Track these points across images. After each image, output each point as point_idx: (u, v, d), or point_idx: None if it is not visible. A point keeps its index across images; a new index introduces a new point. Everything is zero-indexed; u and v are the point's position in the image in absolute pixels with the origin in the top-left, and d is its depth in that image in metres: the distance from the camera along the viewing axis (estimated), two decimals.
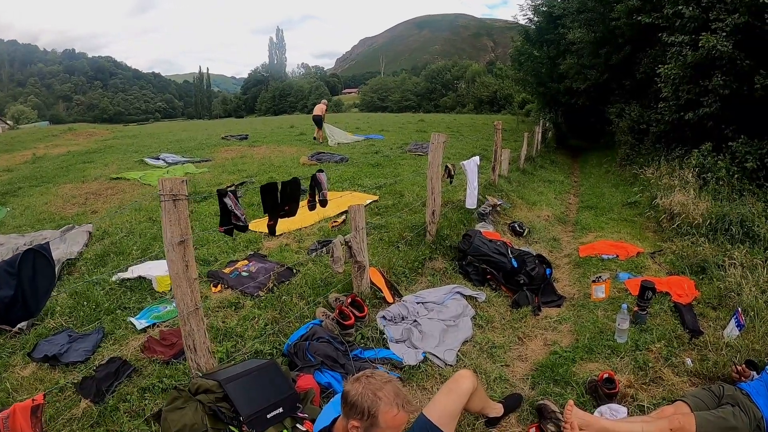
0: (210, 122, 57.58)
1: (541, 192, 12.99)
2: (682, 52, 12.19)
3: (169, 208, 3.10)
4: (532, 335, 5.32)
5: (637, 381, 4.19)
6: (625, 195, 12.35)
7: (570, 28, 22.56)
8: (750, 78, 10.62)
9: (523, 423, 3.79)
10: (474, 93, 73.17)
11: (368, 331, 4.74)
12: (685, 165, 11.43)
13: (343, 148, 16.93)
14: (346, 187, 10.19)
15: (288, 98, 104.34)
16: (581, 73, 23.34)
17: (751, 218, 7.99)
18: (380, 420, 2.28)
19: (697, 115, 12.18)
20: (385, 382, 2.37)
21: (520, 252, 6.80)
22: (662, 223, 9.22)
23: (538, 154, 18.71)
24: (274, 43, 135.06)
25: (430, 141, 6.77)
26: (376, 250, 6.46)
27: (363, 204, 5.30)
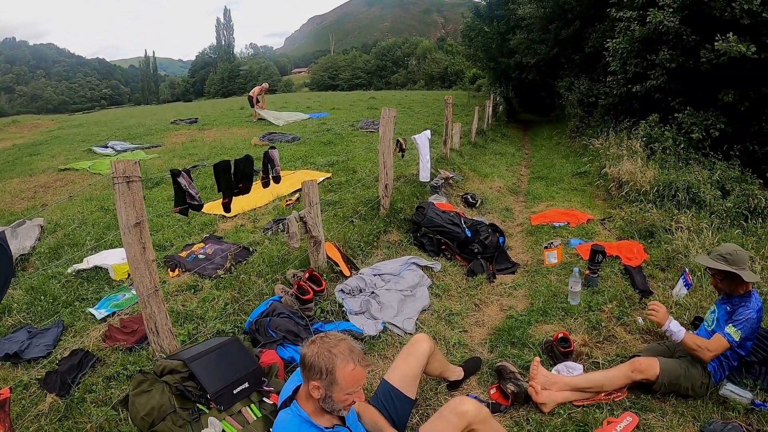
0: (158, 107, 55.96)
1: (493, 164, 13.09)
2: (630, 27, 12.51)
3: (123, 191, 3.05)
4: (488, 301, 5.44)
5: (591, 340, 4.35)
6: (575, 165, 12.64)
7: (520, 4, 22.95)
8: (696, 52, 10.94)
9: (483, 385, 3.91)
10: (425, 69, 73.20)
11: (327, 304, 4.75)
12: (633, 136, 11.77)
13: (295, 128, 16.70)
14: (298, 166, 10.07)
15: (237, 80, 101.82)
16: (531, 48, 23.63)
17: (697, 185, 8.36)
18: (338, 376, 2.28)
19: (645, 87, 12.51)
20: (339, 340, 2.37)
21: (474, 222, 6.87)
22: (611, 191, 9.53)
23: (489, 128, 18.83)
24: (221, 23, 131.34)
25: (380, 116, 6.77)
26: (331, 225, 6.42)
27: (316, 180, 5.26)
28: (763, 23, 9.72)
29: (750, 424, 3.29)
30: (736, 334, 3.39)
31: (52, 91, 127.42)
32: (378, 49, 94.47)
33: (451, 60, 66.31)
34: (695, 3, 10.84)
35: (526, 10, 22.00)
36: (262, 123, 18.05)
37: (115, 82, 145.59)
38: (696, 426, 3.35)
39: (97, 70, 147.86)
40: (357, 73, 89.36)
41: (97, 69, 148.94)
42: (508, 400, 3.61)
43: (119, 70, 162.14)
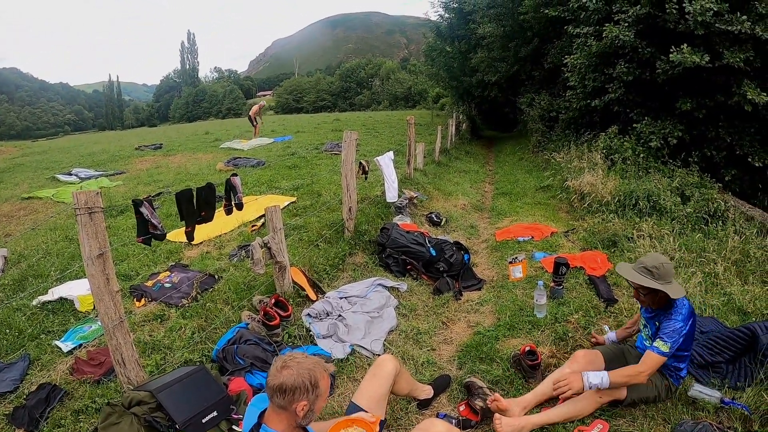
0: (122, 133, 55.57)
1: (457, 182, 13.15)
2: (587, 42, 12.73)
3: (85, 222, 3.03)
4: (455, 319, 5.46)
5: (559, 351, 4.41)
6: (538, 180, 12.78)
7: (480, 23, 23.15)
8: (652, 64, 11.17)
9: (453, 402, 3.91)
10: (389, 90, 73.66)
11: (295, 329, 4.73)
12: (593, 148, 11.95)
13: (259, 152, 16.66)
14: (263, 191, 10.05)
15: (202, 104, 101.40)
16: (492, 66, 23.90)
17: (657, 193, 8.53)
18: (321, 388, 2.41)
19: (603, 101, 12.74)
20: (306, 357, 2.45)
21: (438, 240, 6.89)
22: (574, 203, 9.66)
23: (452, 147, 18.95)
24: (186, 47, 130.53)
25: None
26: (296, 250, 6.39)
27: (280, 206, 5.26)
28: (716, 33, 9.98)
29: (720, 422, 3.35)
30: (665, 346, 3.39)
31: (15, 117, 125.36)
32: (342, 70, 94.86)
33: (415, 80, 67.10)
34: (650, 17, 11.08)
35: (486, 29, 22.25)
36: (226, 148, 18.02)
37: (79, 107, 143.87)
38: (667, 428, 3.40)
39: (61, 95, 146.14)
40: (321, 95, 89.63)
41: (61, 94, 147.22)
42: (477, 415, 3.62)
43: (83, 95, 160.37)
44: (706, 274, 5.83)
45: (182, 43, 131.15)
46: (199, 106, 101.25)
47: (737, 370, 3.87)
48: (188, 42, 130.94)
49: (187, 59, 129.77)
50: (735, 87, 10.03)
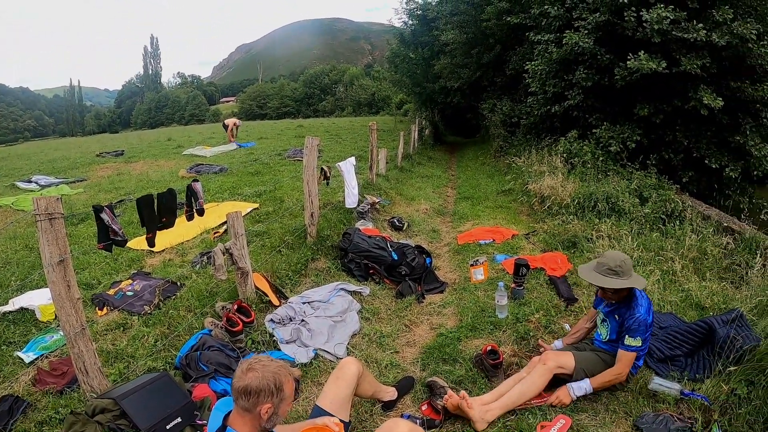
0: (84, 139, 54.21)
1: (420, 187, 13.22)
2: (548, 49, 12.99)
3: (45, 228, 3.00)
4: (418, 321, 5.47)
5: (520, 350, 4.48)
6: (500, 184, 12.86)
7: (443, 30, 23.48)
8: (611, 70, 11.37)
9: (417, 403, 3.92)
10: (352, 96, 73.84)
11: (258, 335, 4.70)
12: (553, 152, 12.12)
13: (222, 158, 16.53)
14: (226, 197, 9.96)
15: (165, 110, 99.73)
16: (455, 72, 24.10)
17: (616, 195, 8.71)
18: (285, 391, 2.41)
19: (563, 107, 12.96)
20: (271, 360, 2.46)
21: (400, 245, 6.88)
22: (534, 206, 9.76)
23: (415, 152, 19.08)
24: (148, 51, 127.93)
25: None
26: (259, 256, 6.35)
27: (242, 212, 5.22)
28: (673, 41, 10.23)
29: (681, 413, 3.44)
30: (636, 341, 3.52)
31: None
32: (306, 76, 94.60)
33: (378, 86, 67.22)
34: (608, 24, 11.32)
35: (449, 36, 22.52)
36: (189, 155, 17.86)
37: (39, 112, 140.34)
38: (629, 421, 3.47)
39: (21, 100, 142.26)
40: (285, 102, 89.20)
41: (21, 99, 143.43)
42: (440, 414, 3.64)
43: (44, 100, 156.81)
44: (665, 271, 5.99)
45: (145, 47, 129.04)
46: (161, 112, 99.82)
47: (696, 363, 3.99)
48: (151, 46, 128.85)
49: (149, 64, 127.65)
50: (692, 92, 10.30)
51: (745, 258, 6.36)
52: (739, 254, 6.61)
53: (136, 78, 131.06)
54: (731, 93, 10.71)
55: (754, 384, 3.40)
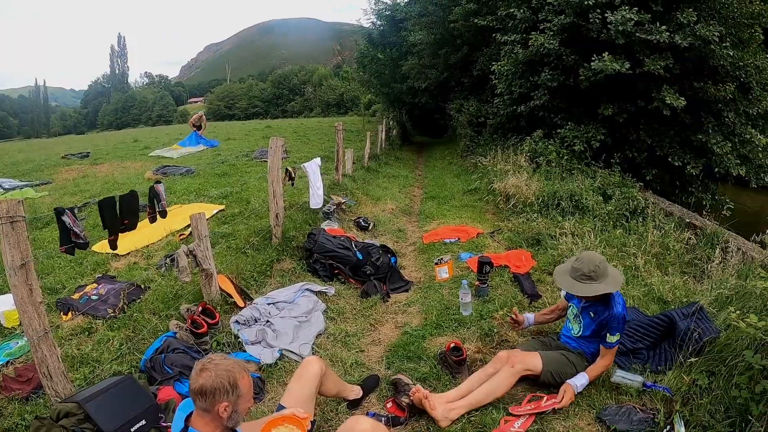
0: (49, 141, 52.95)
1: (386, 187, 13.22)
2: (514, 50, 13.14)
3: (7, 231, 2.97)
4: (383, 320, 5.47)
5: (485, 347, 4.52)
6: (466, 183, 12.93)
7: (411, 31, 23.60)
8: (575, 71, 11.58)
9: (382, 400, 3.93)
10: (321, 97, 73.64)
11: (223, 336, 4.66)
12: (519, 151, 12.29)
13: (189, 160, 16.32)
14: (192, 199, 9.81)
15: (131, 110, 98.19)
16: (422, 73, 24.25)
17: (579, 193, 8.87)
18: (241, 388, 2.39)
19: (529, 107, 13.15)
20: (224, 358, 2.44)
21: (365, 244, 6.87)
22: (499, 205, 9.83)
23: (382, 152, 19.02)
24: (115, 51, 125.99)
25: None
26: (224, 258, 6.27)
27: (205, 213, 5.15)
28: (637, 42, 10.42)
29: (644, 405, 3.52)
30: (616, 336, 3.58)
31: None
32: (275, 77, 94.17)
33: (347, 86, 67.19)
34: (574, 26, 11.50)
35: (417, 37, 22.66)
36: (156, 156, 17.62)
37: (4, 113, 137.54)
38: (592, 414, 3.52)
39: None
40: (254, 102, 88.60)
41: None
42: (404, 412, 3.65)
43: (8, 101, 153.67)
44: (627, 267, 6.10)
45: (112, 46, 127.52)
46: (128, 113, 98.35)
47: (658, 355, 4.07)
48: (118, 46, 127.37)
49: (116, 64, 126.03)
50: (655, 92, 10.52)
51: (706, 253, 6.52)
52: (700, 249, 6.80)
53: (103, 78, 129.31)
54: (694, 93, 10.99)
55: (715, 374, 3.45)
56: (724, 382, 3.33)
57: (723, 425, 3.13)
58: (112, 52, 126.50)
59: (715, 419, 3.20)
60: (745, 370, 3.24)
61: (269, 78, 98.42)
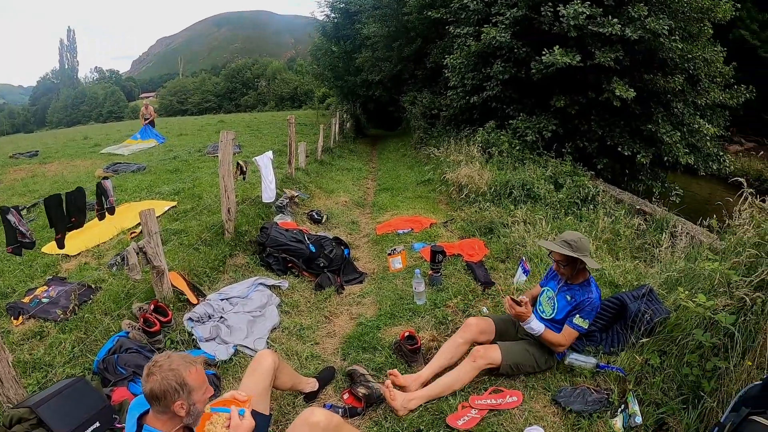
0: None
1: (339, 180, 13.20)
2: (467, 42, 13.32)
3: None
4: (338, 312, 5.48)
5: (439, 335, 4.57)
6: (419, 174, 12.98)
7: (365, 24, 23.65)
8: (527, 64, 11.73)
9: (339, 392, 3.96)
10: (275, 90, 72.95)
11: (176, 334, 4.59)
12: (471, 142, 12.36)
13: (141, 157, 15.99)
14: (144, 197, 9.61)
15: (82, 107, 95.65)
16: (376, 65, 24.37)
17: (531, 182, 8.98)
18: (191, 383, 2.35)
19: (481, 98, 13.27)
20: (168, 357, 2.40)
21: (317, 237, 6.85)
22: (452, 195, 9.94)
23: (336, 145, 19.08)
24: (65, 45, 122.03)
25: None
26: (176, 254, 6.15)
27: (155, 209, 5.02)
28: (589, 35, 10.62)
29: (598, 385, 3.64)
30: (584, 323, 3.62)
31: None
32: (228, 70, 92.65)
33: (301, 80, 66.89)
34: (526, 18, 11.69)
35: (370, 29, 22.73)
36: (106, 153, 17.22)
37: None
38: (548, 396, 3.63)
39: None
40: (207, 97, 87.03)
41: None
42: (361, 402, 3.69)
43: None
44: None
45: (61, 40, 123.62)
46: (78, 110, 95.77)
47: (610, 337, 4.14)
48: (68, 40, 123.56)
49: (66, 58, 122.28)
50: (605, 84, 10.72)
51: (656, 237, 6.70)
52: (650, 234, 7.01)
53: (52, 73, 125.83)
54: (644, 84, 11.30)
55: (666, 353, 3.56)
56: (675, 360, 3.44)
57: (676, 402, 3.22)
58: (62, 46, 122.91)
59: (668, 396, 3.30)
60: (695, 348, 3.34)
61: (222, 72, 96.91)
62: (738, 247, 3.89)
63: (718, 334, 3.27)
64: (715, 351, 3.26)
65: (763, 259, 3.53)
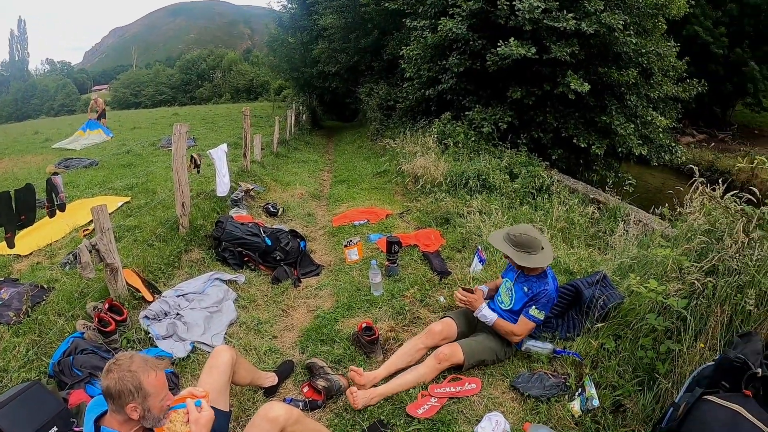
0: None
1: (296, 173, 13.15)
2: (423, 34, 13.36)
3: None
4: (295, 305, 5.45)
5: (397, 325, 4.62)
6: (376, 166, 12.98)
7: (323, 15, 23.57)
8: (483, 56, 11.84)
9: (298, 385, 3.94)
10: (231, 82, 72.01)
11: (132, 333, 4.48)
12: (427, 134, 12.39)
13: (93, 151, 15.63)
14: (96, 192, 9.39)
15: (32, 100, 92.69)
16: (333, 57, 24.45)
17: (487, 172, 9.04)
18: (147, 388, 2.29)
19: (437, 90, 13.42)
20: (130, 357, 2.35)
21: (273, 230, 6.81)
22: (408, 186, 9.96)
23: (292, 138, 18.97)
24: (15, 36, 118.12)
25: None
26: (130, 251, 6.01)
27: (107, 204, 4.89)
28: (544, 29, 10.77)
29: (555, 370, 3.72)
30: (540, 314, 3.65)
31: None
32: (182, 62, 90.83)
33: (257, 72, 66.30)
34: (482, 11, 11.77)
35: (328, 21, 22.71)
36: (58, 149, 16.78)
37: None
38: (506, 382, 3.69)
39: None
40: (161, 89, 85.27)
41: None
42: (321, 395, 3.68)
43: None
44: None
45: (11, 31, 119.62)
46: (28, 104, 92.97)
47: (566, 323, 4.22)
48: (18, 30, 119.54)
49: (16, 50, 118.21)
50: (560, 78, 10.89)
51: (609, 225, 6.84)
52: (604, 222, 7.18)
53: (1, 66, 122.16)
54: (598, 77, 11.58)
55: (621, 338, 3.64)
56: (630, 344, 3.52)
57: (632, 384, 3.30)
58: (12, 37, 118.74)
59: (624, 379, 3.37)
60: (649, 332, 3.41)
61: (177, 63, 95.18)
62: (689, 233, 3.98)
63: (671, 317, 3.34)
64: (669, 334, 3.33)
65: (713, 245, 3.60)
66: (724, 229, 3.62)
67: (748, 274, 3.25)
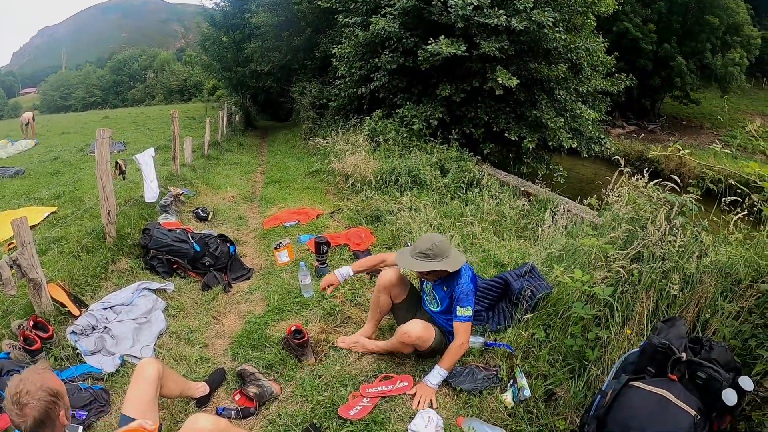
0: None
1: (227, 175, 12.97)
2: (355, 32, 13.38)
3: None
4: (226, 311, 5.34)
5: (329, 326, 4.58)
6: (308, 165, 12.95)
7: (255, 13, 23.66)
8: (415, 53, 11.92)
9: (230, 393, 3.87)
10: (163, 83, 70.72)
11: (60, 350, 4.29)
12: (359, 131, 12.44)
13: (19, 159, 15.03)
14: (22, 203, 8.99)
15: None
16: (265, 55, 24.30)
17: (417, 168, 9.09)
18: (58, 388, 2.33)
19: (369, 89, 13.45)
20: (21, 381, 2.29)
21: (202, 235, 6.65)
22: (339, 184, 9.94)
23: (224, 139, 18.72)
24: None
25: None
26: (56, 264, 5.76)
27: (27, 217, 4.65)
28: (475, 26, 10.93)
29: (486, 363, 3.73)
30: (468, 310, 3.55)
31: None
32: (114, 62, 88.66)
33: (190, 71, 65.30)
34: (416, 9, 11.89)
35: (260, 19, 22.75)
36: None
37: None
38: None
39: None
40: (91, 91, 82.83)
41: None
42: (253, 402, 3.61)
43: None
44: (465, 235, 6.36)
45: None
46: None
47: (496, 315, 4.23)
48: None
49: None
50: (489, 73, 11.04)
51: (539, 217, 6.94)
52: (534, 214, 7.31)
53: None
54: (529, 72, 11.85)
55: (551, 327, 3.70)
56: (560, 333, 3.59)
57: (563, 372, 3.36)
58: None
59: (555, 368, 3.43)
60: (578, 320, 3.46)
61: (108, 64, 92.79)
62: (614, 222, 4.05)
63: (598, 305, 3.38)
64: (597, 321, 3.38)
65: (637, 233, 3.68)
66: (648, 216, 3.70)
67: (672, 260, 3.33)
